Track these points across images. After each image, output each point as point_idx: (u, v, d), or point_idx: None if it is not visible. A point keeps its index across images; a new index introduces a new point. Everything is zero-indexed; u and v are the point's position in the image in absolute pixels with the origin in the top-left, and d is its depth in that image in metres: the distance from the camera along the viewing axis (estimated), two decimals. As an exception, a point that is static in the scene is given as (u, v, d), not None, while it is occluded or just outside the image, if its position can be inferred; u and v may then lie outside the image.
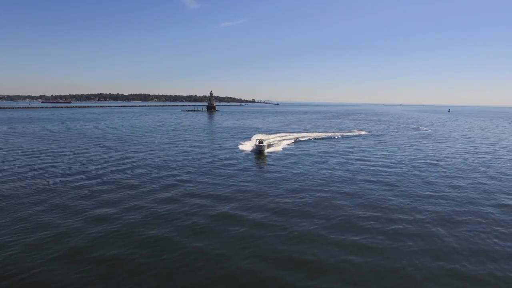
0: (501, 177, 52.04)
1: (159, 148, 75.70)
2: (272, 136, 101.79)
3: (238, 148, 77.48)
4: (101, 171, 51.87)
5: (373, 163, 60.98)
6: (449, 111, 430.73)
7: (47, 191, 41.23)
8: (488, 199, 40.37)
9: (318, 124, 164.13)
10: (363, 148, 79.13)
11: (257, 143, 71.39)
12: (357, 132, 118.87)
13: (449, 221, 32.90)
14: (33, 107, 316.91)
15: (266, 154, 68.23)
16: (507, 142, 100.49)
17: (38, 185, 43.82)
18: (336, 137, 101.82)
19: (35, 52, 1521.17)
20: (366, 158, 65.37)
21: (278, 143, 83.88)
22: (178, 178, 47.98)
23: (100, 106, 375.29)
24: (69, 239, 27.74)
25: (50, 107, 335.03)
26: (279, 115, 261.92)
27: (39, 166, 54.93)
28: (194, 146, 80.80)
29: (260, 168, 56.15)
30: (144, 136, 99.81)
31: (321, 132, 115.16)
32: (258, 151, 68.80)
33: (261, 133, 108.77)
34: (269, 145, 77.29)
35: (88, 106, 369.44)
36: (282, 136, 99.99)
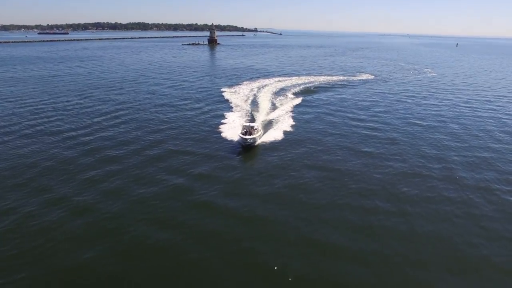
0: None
1: (147, 103, 73.12)
2: (272, 80, 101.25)
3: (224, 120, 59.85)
4: (84, 128, 54.99)
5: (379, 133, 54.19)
6: (456, 46, 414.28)
7: (36, 150, 44.69)
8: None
9: (322, 63, 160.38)
10: (370, 105, 74.23)
11: (244, 133, 46.63)
12: (363, 76, 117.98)
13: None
14: (30, 41, 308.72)
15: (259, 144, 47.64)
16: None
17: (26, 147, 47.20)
18: (342, 84, 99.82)
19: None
20: (373, 126, 58.37)
21: (277, 119, 60.28)
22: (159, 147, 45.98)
23: (98, 39, 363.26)
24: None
25: (47, 40, 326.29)
26: (280, 50, 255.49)
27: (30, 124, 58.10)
28: (185, 106, 76.85)
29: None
30: (135, 86, 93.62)
31: (325, 76, 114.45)
32: (246, 146, 45.51)
33: (260, 78, 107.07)
34: (264, 128, 53.69)
35: (86, 39, 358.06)
36: (282, 81, 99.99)
